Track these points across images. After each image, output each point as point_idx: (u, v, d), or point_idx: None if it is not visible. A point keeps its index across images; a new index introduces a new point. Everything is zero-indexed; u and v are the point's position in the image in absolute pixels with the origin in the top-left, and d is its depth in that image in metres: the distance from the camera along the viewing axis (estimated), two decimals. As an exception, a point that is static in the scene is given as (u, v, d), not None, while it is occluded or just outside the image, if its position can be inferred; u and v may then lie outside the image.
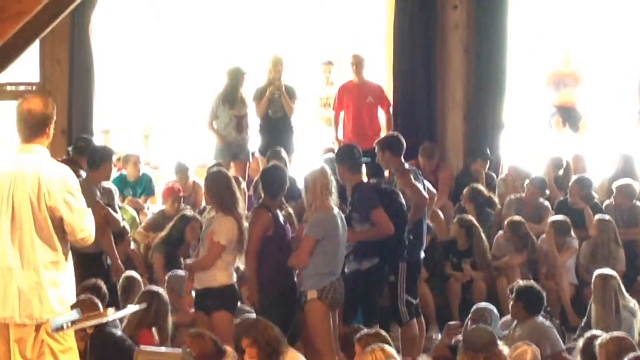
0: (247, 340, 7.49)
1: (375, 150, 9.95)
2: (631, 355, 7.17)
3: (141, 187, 12.73)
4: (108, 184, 10.58)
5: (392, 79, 13.29)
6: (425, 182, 10.13)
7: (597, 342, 7.60)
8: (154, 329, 8.60)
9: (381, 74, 13.63)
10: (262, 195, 9.09)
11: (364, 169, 9.88)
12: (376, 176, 9.78)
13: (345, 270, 9.07)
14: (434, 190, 10.57)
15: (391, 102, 13.18)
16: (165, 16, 18.68)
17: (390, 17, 13.27)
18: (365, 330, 7.95)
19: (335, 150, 12.78)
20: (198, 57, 18.54)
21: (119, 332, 8.19)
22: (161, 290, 8.91)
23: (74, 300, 6.53)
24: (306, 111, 14.45)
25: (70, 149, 11.64)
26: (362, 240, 9.07)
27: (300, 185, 11.32)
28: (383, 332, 7.94)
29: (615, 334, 7.85)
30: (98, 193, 9.68)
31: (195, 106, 16.00)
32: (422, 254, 9.77)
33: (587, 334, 8.11)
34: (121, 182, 12.48)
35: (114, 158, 10.50)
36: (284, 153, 12.21)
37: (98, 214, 8.15)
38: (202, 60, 18.40)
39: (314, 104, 14.61)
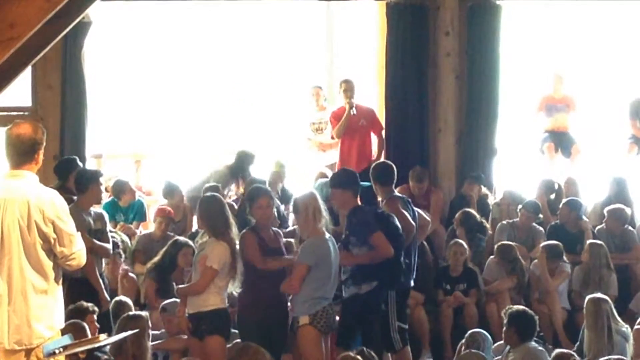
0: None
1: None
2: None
3: (133, 212, 12.68)
4: (99, 209, 10.53)
5: (384, 104, 13.29)
6: (418, 210, 10.13)
7: None
8: None
9: (373, 99, 13.65)
10: (248, 218, 9.08)
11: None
12: (368, 201, 9.76)
13: (344, 294, 9.06)
14: (427, 218, 10.54)
15: (383, 126, 13.19)
16: (157, 42, 18.76)
17: (383, 42, 13.29)
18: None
19: (329, 174, 12.85)
20: (190, 82, 18.61)
21: None
22: (143, 314, 8.83)
23: (62, 325, 6.50)
24: (298, 136, 14.45)
25: None
26: (360, 264, 9.04)
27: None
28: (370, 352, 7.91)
29: (614, 358, 7.88)
30: (91, 220, 9.59)
31: (189, 132, 16.06)
32: (412, 282, 9.77)
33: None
34: (113, 207, 12.43)
35: (103, 182, 10.43)
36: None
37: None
38: (195, 85, 18.47)
39: (305, 129, 14.60)
